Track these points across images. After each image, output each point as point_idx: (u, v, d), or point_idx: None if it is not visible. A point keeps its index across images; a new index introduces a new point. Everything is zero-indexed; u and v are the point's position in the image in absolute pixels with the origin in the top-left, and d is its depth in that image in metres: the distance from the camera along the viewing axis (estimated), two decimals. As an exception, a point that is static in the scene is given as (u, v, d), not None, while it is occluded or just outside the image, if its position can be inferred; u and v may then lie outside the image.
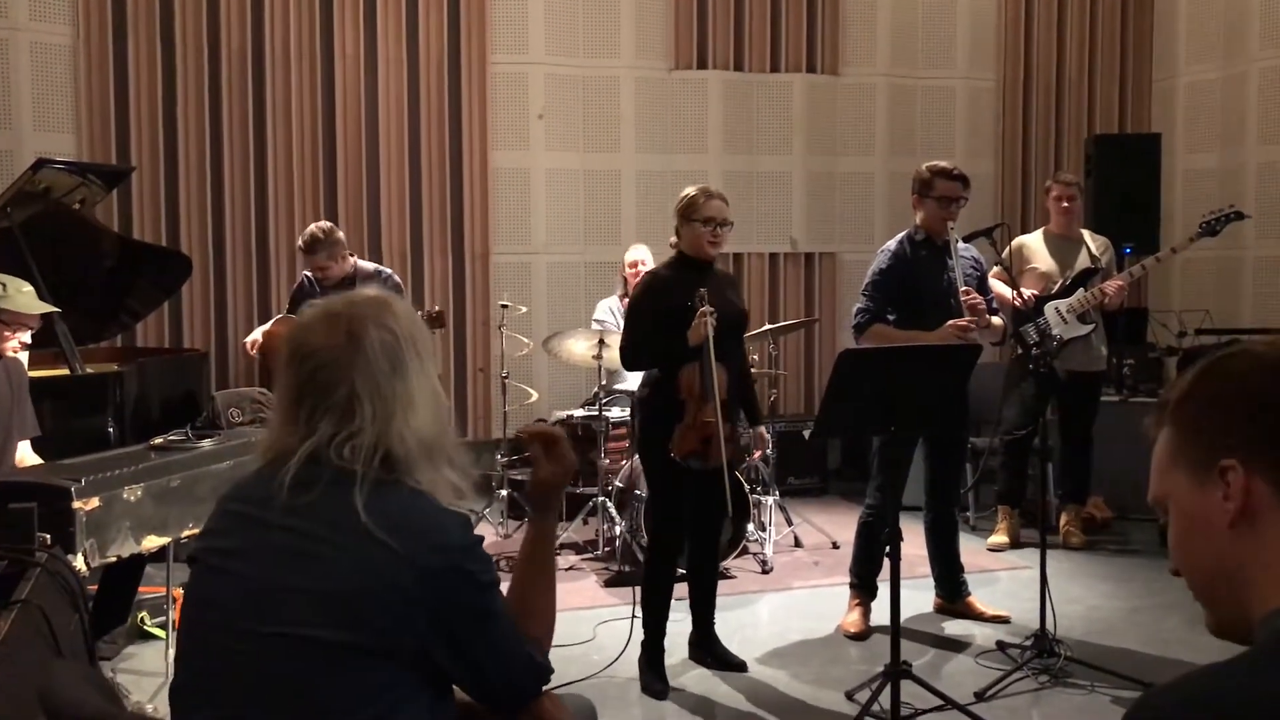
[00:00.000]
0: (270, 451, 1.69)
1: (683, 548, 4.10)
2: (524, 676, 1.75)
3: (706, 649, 4.13)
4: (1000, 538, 5.70)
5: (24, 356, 3.95)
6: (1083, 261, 5.51)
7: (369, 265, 5.65)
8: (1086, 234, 5.64)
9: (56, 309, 4.07)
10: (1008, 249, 5.62)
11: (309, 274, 5.51)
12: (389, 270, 5.71)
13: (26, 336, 3.80)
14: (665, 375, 3.91)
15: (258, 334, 5.60)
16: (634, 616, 4.10)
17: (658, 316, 3.87)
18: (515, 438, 2.07)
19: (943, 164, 4.46)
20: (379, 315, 1.69)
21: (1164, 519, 1.13)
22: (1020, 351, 5.35)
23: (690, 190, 3.98)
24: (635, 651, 4.09)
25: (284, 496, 1.62)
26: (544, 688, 1.79)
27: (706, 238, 3.90)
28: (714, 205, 3.90)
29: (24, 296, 3.73)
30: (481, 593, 1.65)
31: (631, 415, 5.05)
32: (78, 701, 1.57)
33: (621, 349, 4.04)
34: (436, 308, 5.63)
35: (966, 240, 4.45)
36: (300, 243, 5.46)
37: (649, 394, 4.03)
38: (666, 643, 4.03)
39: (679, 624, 4.18)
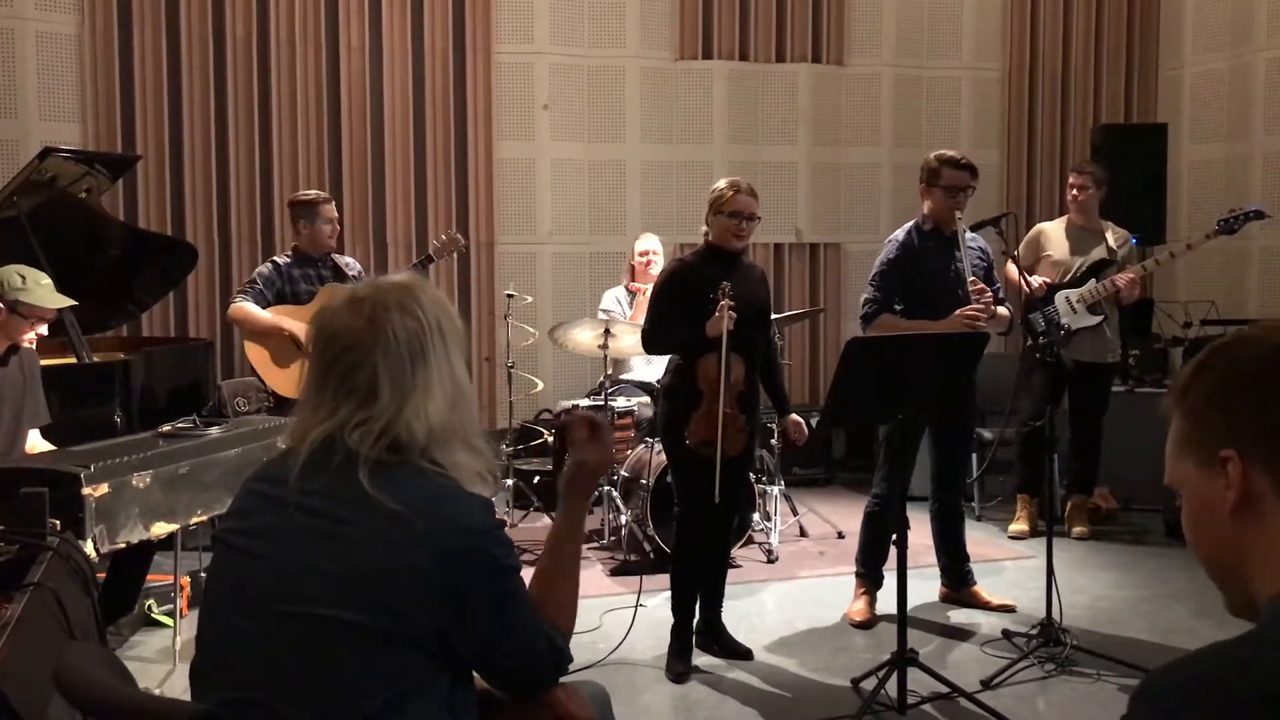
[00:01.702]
0: (296, 434, 1.70)
1: (706, 529, 4.12)
2: (543, 663, 1.74)
3: (713, 637, 4.14)
4: (1020, 526, 5.71)
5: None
6: (1098, 253, 5.50)
7: (343, 257, 5.50)
8: (1108, 226, 5.62)
9: (74, 302, 4.06)
10: (1022, 240, 5.64)
11: (279, 259, 5.26)
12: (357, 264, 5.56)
13: (43, 328, 3.81)
14: (686, 363, 3.98)
15: (298, 326, 4.99)
16: (638, 605, 4.12)
17: (679, 304, 3.95)
18: (561, 419, 2.10)
19: (950, 153, 4.44)
20: (404, 300, 1.70)
21: (1179, 502, 1.14)
22: (1030, 341, 5.35)
23: (722, 183, 4.04)
24: (639, 638, 4.11)
25: (298, 478, 1.62)
26: (562, 676, 1.79)
27: (733, 230, 3.96)
28: (742, 200, 3.96)
29: (42, 290, 3.74)
30: (502, 577, 1.64)
31: (654, 402, 5.10)
32: (92, 681, 1.57)
33: (643, 332, 4.13)
34: (459, 238, 5.55)
35: (974, 229, 4.44)
36: (319, 194, 5.37)
37: (671, 381, 4.09)
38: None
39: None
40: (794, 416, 4.30)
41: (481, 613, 1.62)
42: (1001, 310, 4.49)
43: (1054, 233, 5.63)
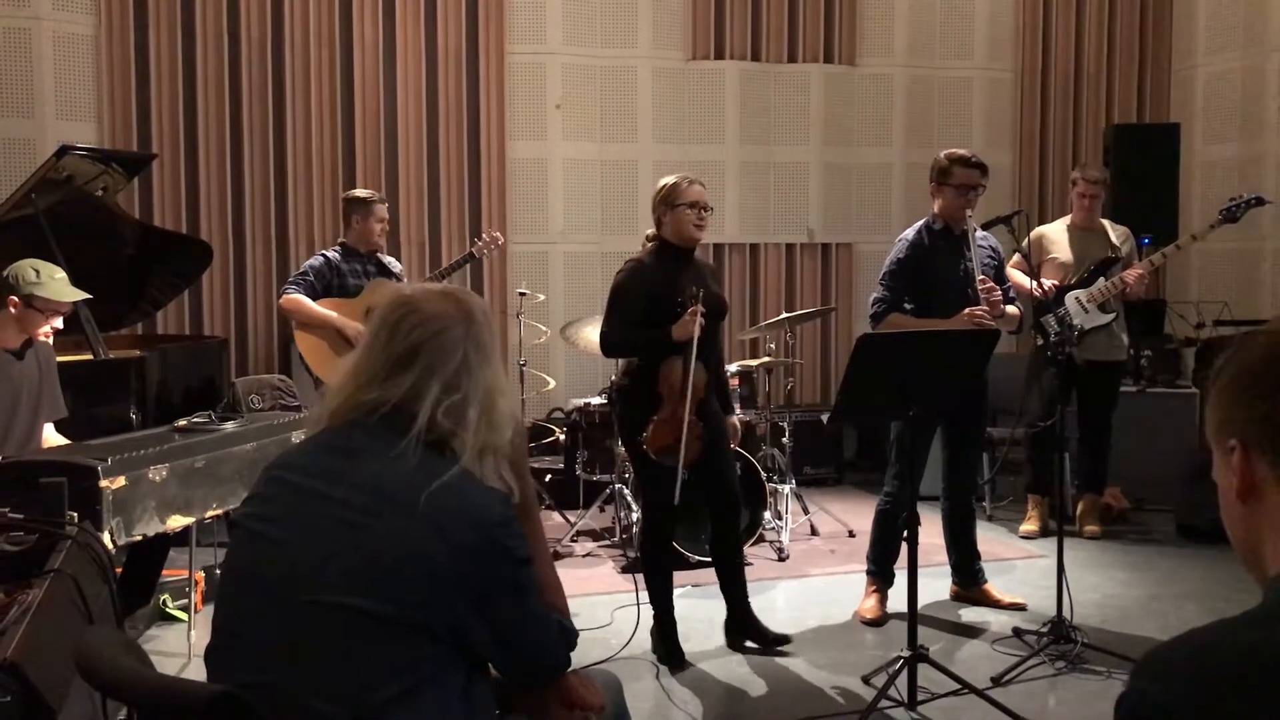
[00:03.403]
0: (346, 405, 1.73)
1: (673, 528, 4.13)
2: (557, 647, 1.79)
3: (746, 630, 4.14)
4: (1031, 526, 5.72)
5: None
6: (1102, 251, 5.50)
7: (387, 256, 5.65)
8: (1107, 224, 5.63)
9: (88, 295, 4.10)
10: (1028, 238, 5.63)
11: (328, 253, 5.38)
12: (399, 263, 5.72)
13: (58, 322, 3.84)
14: (645, 365, 3.93)
15: (349, 323, 5.16)
16: (641, 603, 4.12)
17: (641, 305, 3.90)
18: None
19: (961, 152, 4.45)
20: (475, 300, 1.82)
21: None
22: (1041, 342, 5.35)
23: (668, 179, 4.01)
24: (648, 634, 4.12)
25: (345, 450, 1.68)
26: (571, 655, 1.83)
27: (693, 221, 3.94)
28: (696, 190, 3.95)
29: (56, 284, 3.76)
30: (517, 568, 1.67)
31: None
32: (110, 662, 1.59)
33: (602, 334, 4.05)
34: (498, 237, 5.94)
35: (985, 228, 4.44)
36: (374, 193, 5.51)
37: (629, 383, 4.04)
38: (682, 628, 4.07)
39: (695, 608, 4.20)
40: (733, 420, 4.27)
41: (497, 603, 1.64)
42: (1011, 309, 4.49)
43: (1055, 235, 5.63)
